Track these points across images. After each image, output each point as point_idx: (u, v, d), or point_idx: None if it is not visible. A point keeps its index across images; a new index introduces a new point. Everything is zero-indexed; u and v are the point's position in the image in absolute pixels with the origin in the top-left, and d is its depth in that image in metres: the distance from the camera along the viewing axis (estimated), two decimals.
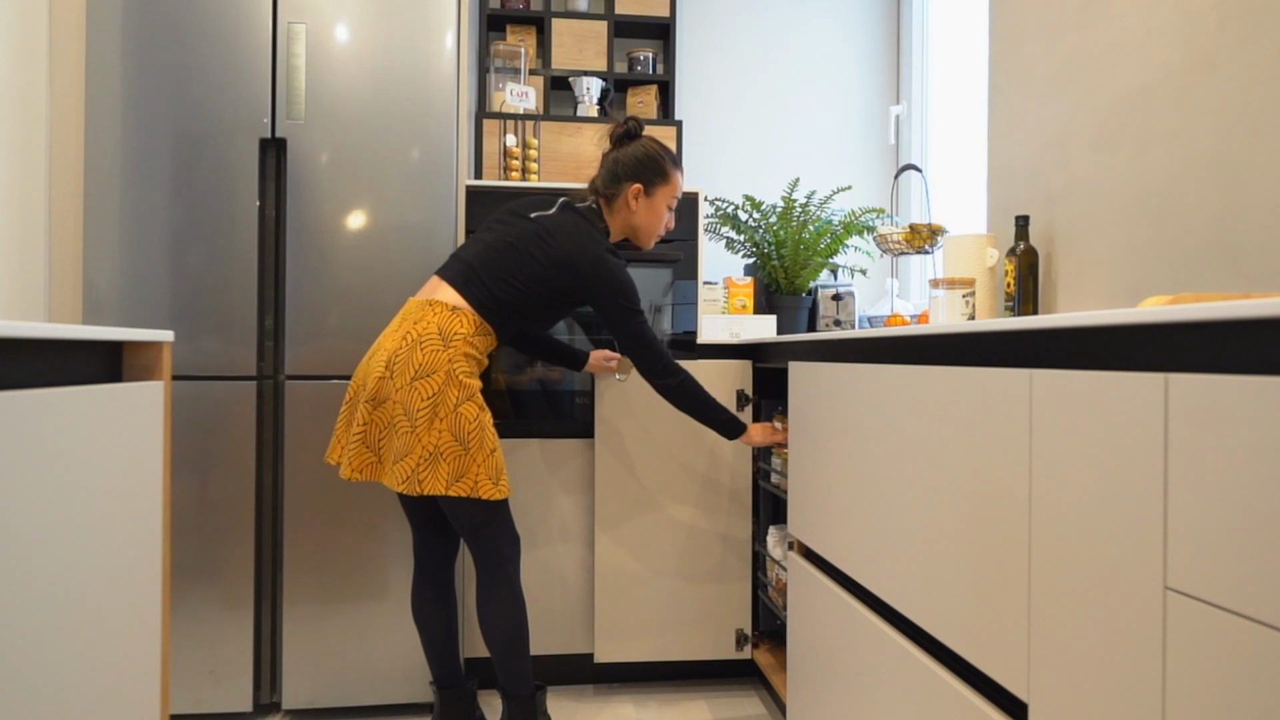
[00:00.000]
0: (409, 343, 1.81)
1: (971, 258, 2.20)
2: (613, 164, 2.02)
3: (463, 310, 1.86)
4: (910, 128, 3.18)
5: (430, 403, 1.78)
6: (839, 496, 1.62)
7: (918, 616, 1.27)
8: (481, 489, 1.81)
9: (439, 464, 1.77)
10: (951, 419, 1.17)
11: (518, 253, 1.91)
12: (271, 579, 2.26)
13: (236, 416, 2.22)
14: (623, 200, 2.01)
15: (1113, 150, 1.87)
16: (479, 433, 1.82)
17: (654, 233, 2.06)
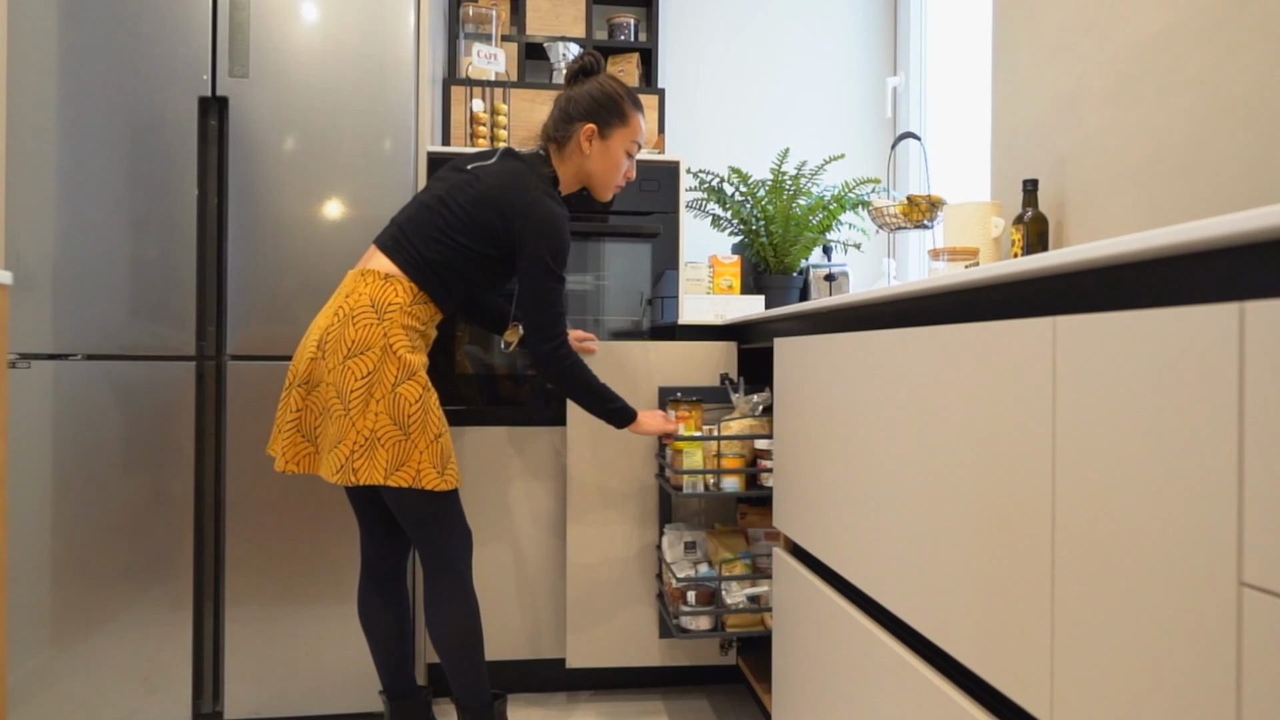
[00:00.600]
0: (341, 318, 1.64)
1: (975, 227, 2.02)
2: (565, 103, 1.82)
3: (396, 278, 1.68)
4: (908, 100, 3.00)
5: (365, 383, 1.61)
6: (829, 485, 1.43)
7: (920, 623, 1.08)
8: (425, 478, 1.63)
9: (376, 451, 1.60)
10: (955, 386, 0.99)
11: (444, 206, 1.72)
12: (214, 578, 2.08)
13: (174, 400, 2.03)
14: (575, 143, 1.81)
15: (1131, 102, 1.69)
16: (421, 415, 1.64)
17: (610, 182, 1.86)
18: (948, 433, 1.00)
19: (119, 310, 2.02)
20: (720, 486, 1.92)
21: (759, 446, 1.91)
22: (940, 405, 1.02)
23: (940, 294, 1.08)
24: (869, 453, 1.24)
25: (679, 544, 2.07)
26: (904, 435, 1.12)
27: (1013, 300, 0.93)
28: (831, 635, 1.40)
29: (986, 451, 0.92)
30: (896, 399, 1.14)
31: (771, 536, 2.03)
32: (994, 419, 0.90)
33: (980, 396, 0.93)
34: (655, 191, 2.31)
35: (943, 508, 1.01)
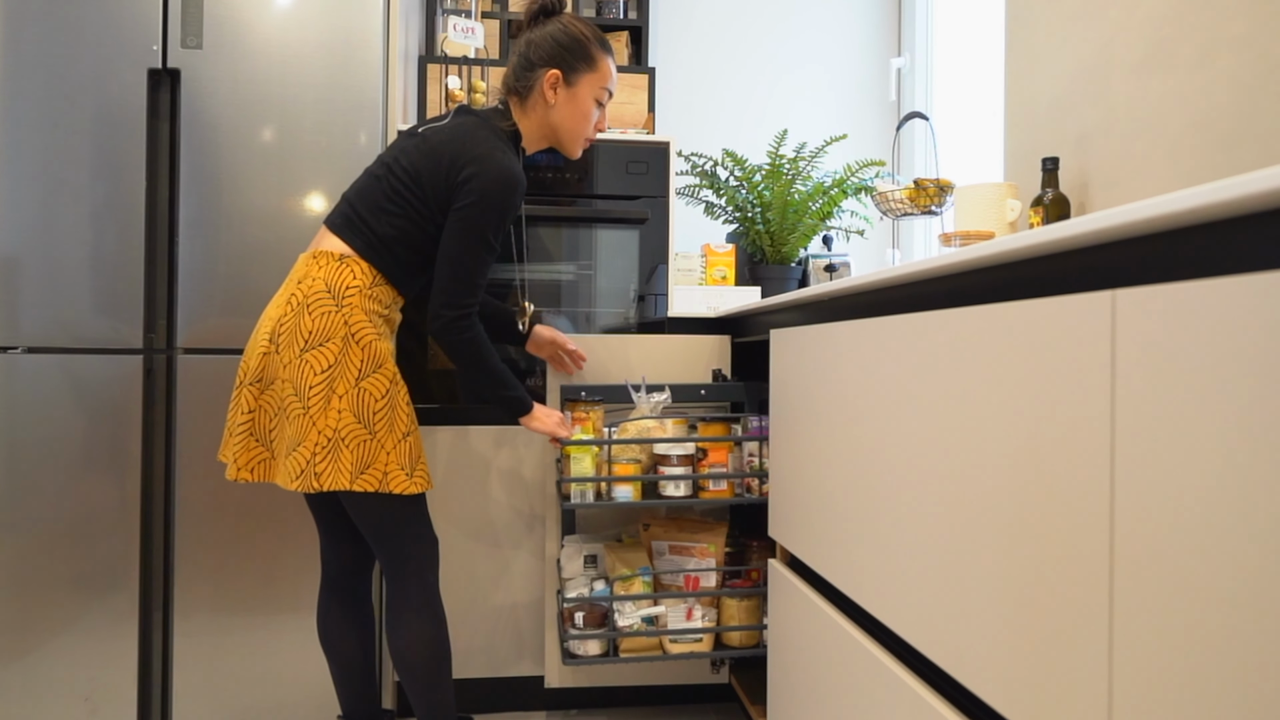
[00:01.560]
0: (295, 307, 1.49)
1: (989, 211, 1.86)
2: (524, 48, 1.62)
3: (351, 259, 1.53)
4: (913, 82, 2.85)
5: (326, 377, 1.45)
6: (832, 492, 1.28)
7: (939, 654, 0.92)
8: (392, 481, 1.48)
9: (340, 452, 1.44)
10: (984, 377, 0.83)
11: (391, 173, 1.55)
12: (162, 588, 1.92)
13: (119, 397, 1.87)
14: (538, 92, 1.62)
15: (1164, 69, 1.54)
16: (388, 412, 1.49)
17: (580, 134, 1.67)
18: (975, 432, 0.84)
19: (62, 299, 1.86)
20: (612, 495, 1.73)
21: (659, 451, 1.74)
22: (966, 400, 0.86)
23: (964, 271, 0.92)
24: (878, 455, 1.09)
25: (578, 558, 1.86)
26: (921, 435, 0.96)
27: (1053, 275, 0.77)
28: (833, 660, 1.24)
29: (1024, 453, 0.76)
30: (912, 393, 0.99)
31: (678, 550, 1.83)
32: (1034, 415, 0.74)
33: (1016, 389, 0.77)
34: (643, 174, 2.15)
35: (968, 519, 0.86)
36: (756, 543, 1.87)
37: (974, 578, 0.84)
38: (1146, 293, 0.61)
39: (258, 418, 1.51)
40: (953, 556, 0.88)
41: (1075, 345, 0.69)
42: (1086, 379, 0.67)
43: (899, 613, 1.01)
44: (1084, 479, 0.68)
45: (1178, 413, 0.58)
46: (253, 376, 1.50)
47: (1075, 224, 0.67)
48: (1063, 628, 0.70)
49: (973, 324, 0.84)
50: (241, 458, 1.51)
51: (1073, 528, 0.69)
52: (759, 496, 1.74)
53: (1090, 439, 0.67)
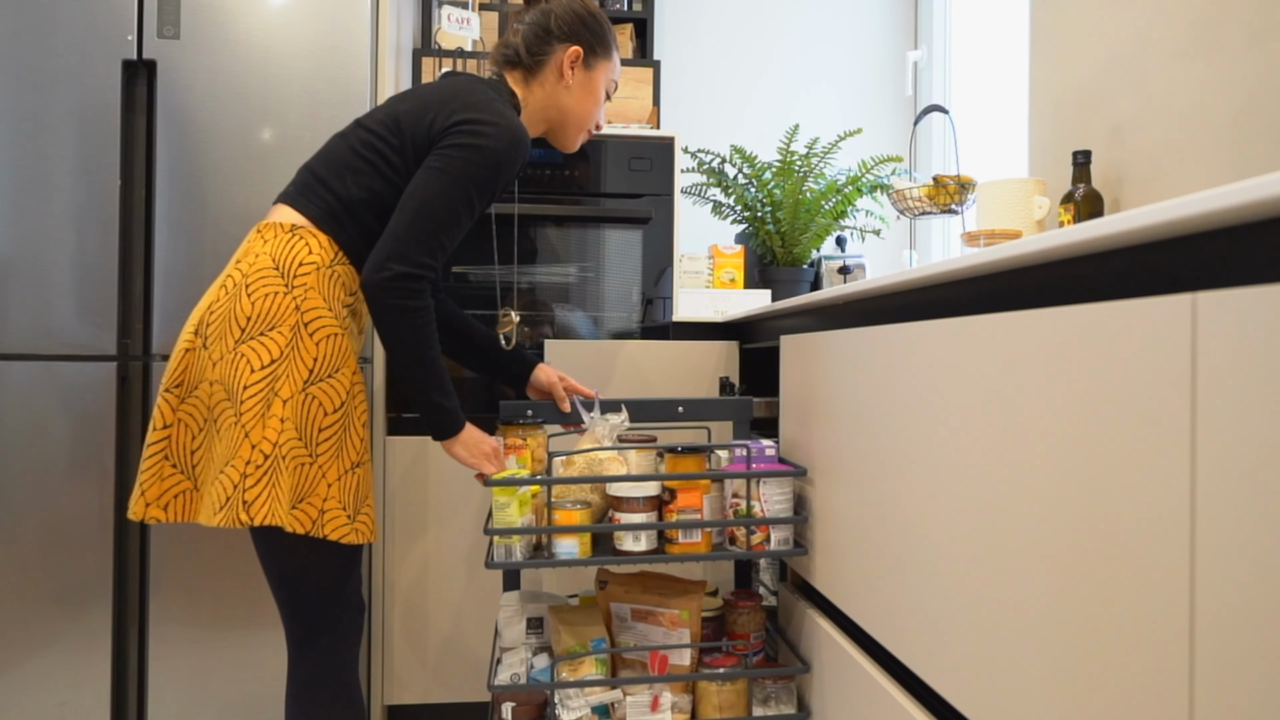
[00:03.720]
0: (229, 291, 1.18)
1: (1015, 208, 1.74)
2: (541, 17, 1.40)
3: (306, 229, 1.23)
4: (930, 76, 2.72)
5: (267, 375, 1.14)
6: (852, 522, 1.16)
7: (980, 713, 0.81)
8: (329, 524, 1.17)
9: (279, 475, 1.12)
10: (1037, 391, 0.71)
11: (361, 128, 1.29)
12: (138, 603, 1.82)
13: (93, 406, 1.78)
14: (553, 67, 1.39)
15: (1209, 53, 1.41)
16: (338, 433, 1.19)
17: (586, 123, 1.45)
18: (1025, 456, 0.72)
19: (33, 303, 1.77)
20: (553, 552, 1.29)
21: (614, 493, 1.30)
22: (1015, 418, 0.74)
23: (1006, 271, 0.80)
24: (905, 480, 0.97)
25: (518, 622, 1.46)
26: (960, 458, 0.84)
27: (1108, 276, 0.65)
28: (857, 706, 1.12)
29: (1085, 482, 0.64)
30: (950, 410, 0.87)
31: (642, 616, 1.43)
32: (1097, 436, 0.63)
33: (1078, 406, 0.65)
34: (647, 171, 2.04)
35: (1019, 559, 0.74)
36: (745, 603, 1.46)
37: (1022, 625, 0.72)
38: (1232, 296, 0.50)
39: (175, 434, 1.17)
40: (996, 601, 0.77)
41: (1149, 356, 0.57)
42: (1163, 395, 0.56)
43: (938, 667, 0.89)
44: (1158, 515, 0.56)
45: (1272, 434, 0.46)
46: (171, 380, 1.17)
47: (1143, 214, 0.55)
48: (1132, 689, 0.59)
49: (1019, 331, 0.73)
50: (152, 489, 1.17)
51: (1146, 567, 0.57)
52: (746, 550, 1.30)
53: (1164, 468, 0.55)
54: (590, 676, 1.33)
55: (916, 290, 1.02)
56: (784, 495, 1.30)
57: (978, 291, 0.87)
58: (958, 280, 0.91)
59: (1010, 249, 0.71)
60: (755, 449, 1.34)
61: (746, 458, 1.31)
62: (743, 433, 1.56)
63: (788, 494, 1.31)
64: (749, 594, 1.47)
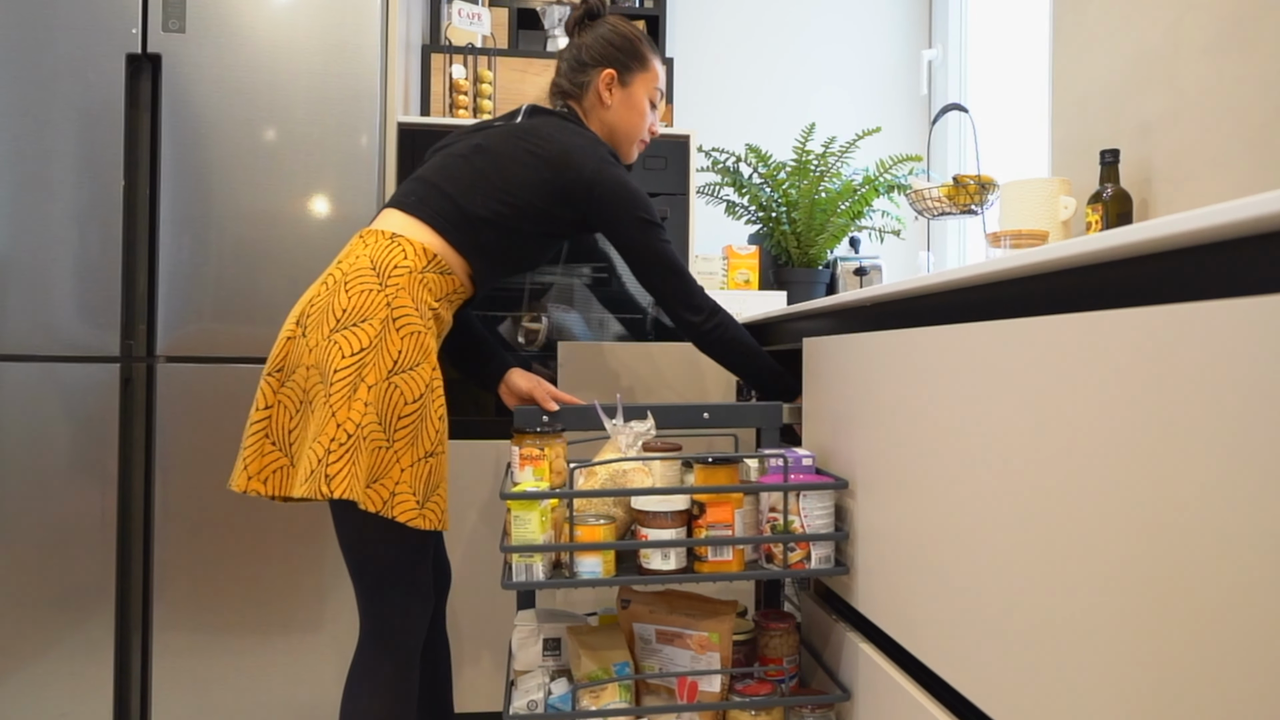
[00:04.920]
0: (330, 286, 1.30)
1: (1040, 208, 1.70)
2: (575, 51, 1.55)
3: (405, 238, 1.33)
4: (945, 75, 2.69)
5: (355, 361, 1.23)
6: (903, 539, 1.12)
7: None
8: (399, 506, 1.24)
9: (359, 454, 1.20)
10: (1111, 403, 0.67)
11: (497, 156, 1.40)
12: (142, 605, 1.77)
13: (95, 408, 1.73)
14: (594, 93, 1.53)
15: (1244, 49, 1.38)
16: (415, 422, 1.26)
17: (636, 135, 1.56)
18: (1099, 469, 0.68)
19: (34, 303, 1.72)
20: (575, 571, 1.23)
21: (639, 506, 1.23)
22: (1085, 429, 0.70)
23: (1068, 270, 0.76)
24: (965, 495, 0.93)
25: (534, 643, 1.41)
26: (1025, 471, 0.80)
27: (1225, 262, 0.61)
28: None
29: (1164, 500, 0.60)
30: (1011, 420, 0.83)
31: (668, 638, 1.36)
32: (1181, 450, 0.58)
33: (1155, 414, 0.61)
34: (662, 170, 2.00)
35: (1086, 581, 0.70)
36: (778, 624, 1.39)
37: (1089, 648, 0.68)
38: None
39: (275, 414, 1.27)
40: (1061, 623, 0.73)
41: (1235, 362, 0.53)
42: (1247, 402, 0.52)
43: (998, 698, 0.85)
44: (1243, 529, 0.52)
45: None
46: (273, 365, 1.29)
47: (1252, 204, 0.51)
48: (1213, 716, 0.55)
49: (1099, 334, 0.69)
50: (254, 464, 1.26)
51: (1228, 586, 0.53)
52: (783, 569, 1.24)
53: (1251, 480, 0.51)
54: (614, 705, 1.27)
55: (955, 292, 0.98)
56: (825, 509, 1.24)
57: (1020, 294, 0.84)
58: (1002, 281, 0.87)
59: (1079, 245, 0.67)
60: (792, 459, 1.28)
61: (784, 469, 1.26)
62: (771, 439, 1.50)
63: (829, 508, 1.25)
64: (781, 614, 1.42)
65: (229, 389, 1.77)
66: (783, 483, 1.24)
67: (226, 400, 1.77)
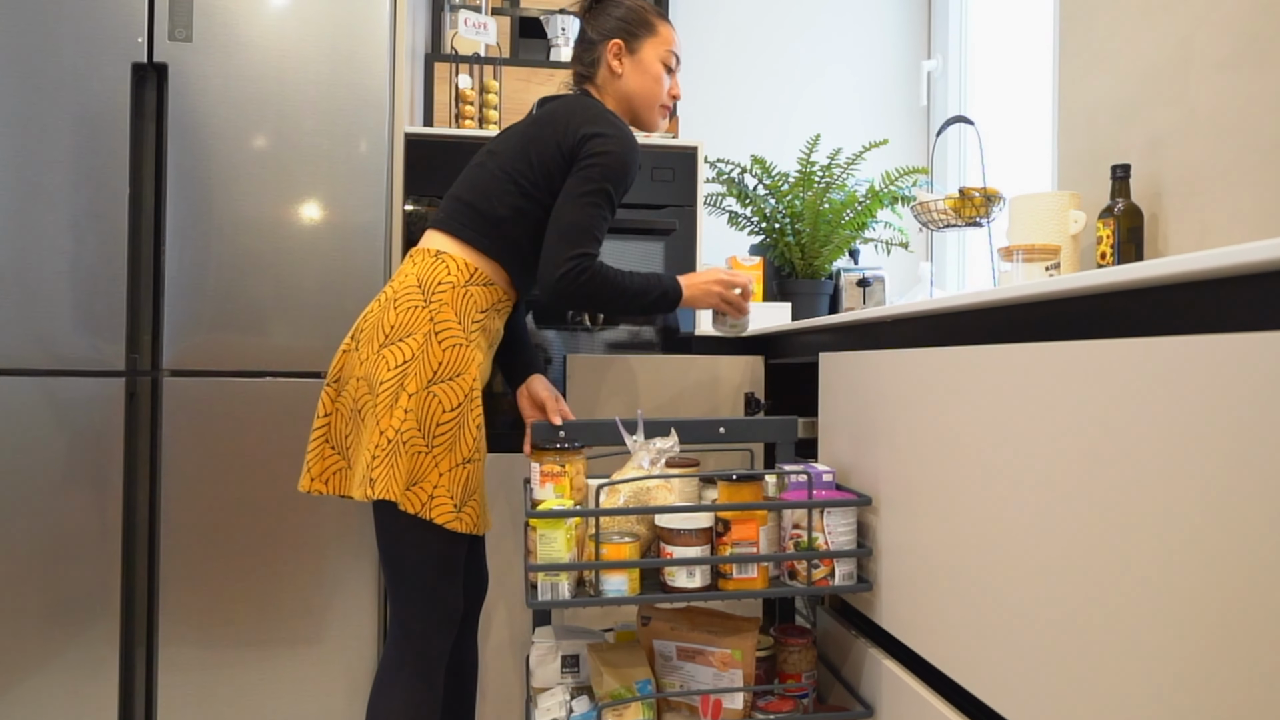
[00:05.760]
0: (383, 304, 1.38)
1: (1049, 222, 1.71)
2: (584, 33, 1.59)
3: (448, 254, 1.40)
4: (945, 86, 2.70)
5: (398, 373, 1.31)
6: (929, 556, 1.12)
7: None
8: (436, 508, 1.29)
9: (398, 458, 1.28)
10: (1149, 428, 0.67)
11: (507, 154, 1.45)
12: (146, 621, 1.75)
13: (99, 423, 1.71)
14: (605, 67, 1.55)
15: (1257, 65, 1.39)
16: (454, 430, 1.32)
17: (654, 101, 1.57)
18: (1134, 495, 0.68)
19: (37, 316, 1.70)
20: (600, 589, 1.23)
21: (663, 524, 1.24)
22: (1122, 453, 0.70)
23: (1117, 293, 0.76)
24: (994, 514, 0.93)
25: (553, 660, 1.43)
26: (1055, 493, 0.80)
27: (1235, 306, 0.61)
28: None
29: (1211, 528, 0.60)
30: (1044, 442, 0.83)
31: (690, 655, 1.36)
32: (1230, 483, 0.58)
33: (1200, 442, 0.61)
34: (669, 182, 2.00)
35: (1119, 601, 0.70)
36: (797, 640, 1.40)
37: (1127, 668, 0.68)
38: None
39: (333, 421, 1.38)
40: (1095, 650, 0.72)
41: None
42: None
43: (1030, 714, 0.85)
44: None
45: None
46: (331, 376, 1.40)
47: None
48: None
49: (1138, 359, 0.69)
50: (315, 466, 1.38)
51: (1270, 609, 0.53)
52: (807, 585, 1.24)
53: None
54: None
55: (979, 311, 0.98)
56: (849, 526, 1.25)
57: (1045, 316, 0.84)
58: (1026, 304, 0.87)
59: (1137, 271, 0.67)
60: (815, 475, 1.28)
61: (808, 485, 1.26)
62: (786, 454, 1.51)
63: (852, 525, 1.25)
64: (799, 629, 1.42)
65: (236, 403, 1.74)
66: (808, 500, 1.25)
67: (234, 414, 1.74)
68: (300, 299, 1.77)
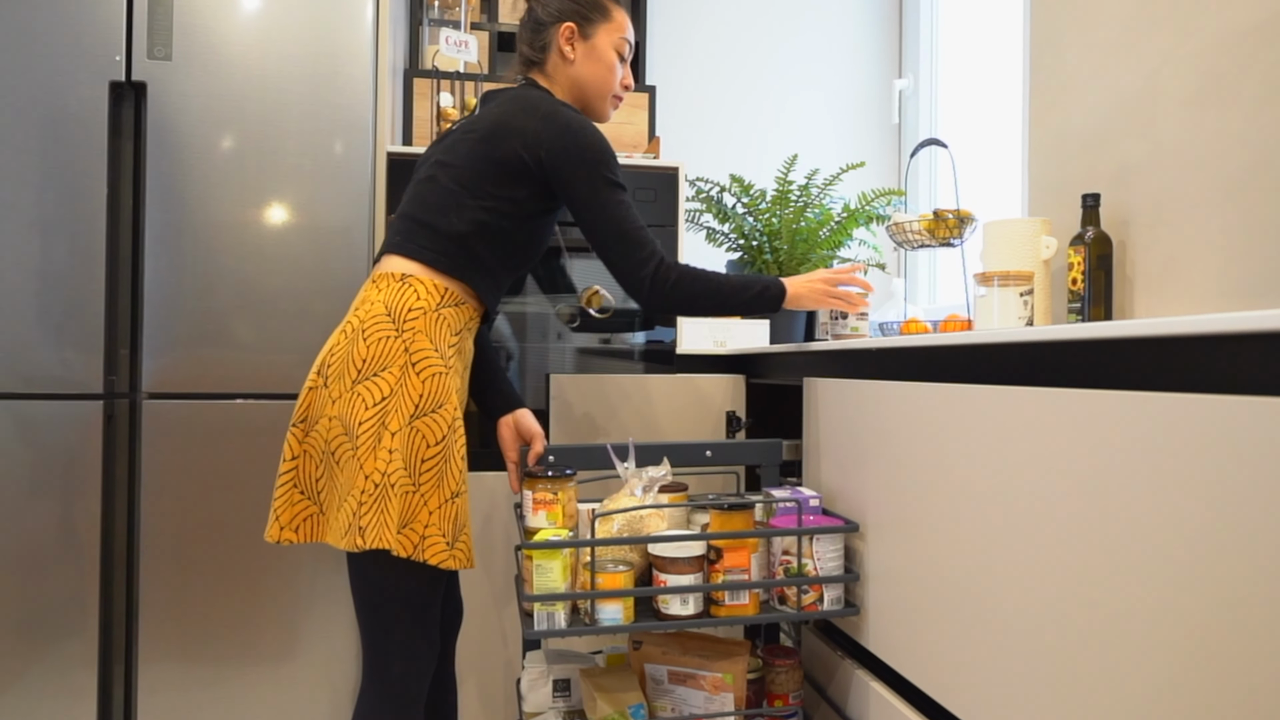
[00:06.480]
0: (349, 334, 1.29)
1: (1023, 248, 1.76)
2: (533, 12, 1.49)
3: (414, 277, 1.32)
4: (917, 105, 2.76)
5: (378, 411, 1.23)
6: (917, 584, 1.15)
7: None
8: (429, 549, 1.23)
9: (388, 501, 1.21)
10: (1147, 480, 0.71)
11: (447, 167, 1.37)
12: (125, 642, 1.72)
13: (77, 447, 1.68)
14: (555, 52, 1.47)
15: (1224, 104, 1.45)
16: (439, 464, 1.26)
17: (607, 90, 1.49)
18: (1124, 541, 0.72)
19: (12, 338, 1.66)
20: (596, 618, 1.24)
21: (657, 553, 1.26)
22: (1115, 502, 0.74)
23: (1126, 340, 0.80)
24: (982, 547, 0.96)
25: (544, 684, 1.43)
26: (1046, 533, 0.84)
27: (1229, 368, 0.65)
28: None
29: (1205, 581, 0.63)
30: (1039, 483, 0.86)
31: (681, 679, 1.39)
32: (1225, 546, 0.62)
33: (1194, 501, 0.65)
34: (651, 202, 2.02)
35: (1103, 632, 0.73)
36: (784, 661, 1.44)
37: (1113, 708, 0.72)
38: None
39: (302, 464, 1.29)
40: (1084, 674, 0.76)
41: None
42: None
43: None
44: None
45: None
46: (297, 416, 1.30)
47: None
48: None
49: (1135, 412, 0.72)
50: (284, 513, 1.27)
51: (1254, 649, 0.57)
52: (797, 610, 1.28)
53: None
54: None
55: (962, 349, 1.02)
56: (836, 552, 1.28)
57: (1017, 358, 0.87)
58: (1000, 345, 0.90)
59: (1136, 328, 0.71)
60: (803, 501, 1.32)
61: (798, 512, 1.29)
62: (771, 476, 1.54)
63: (839, 550, 1.29)
64: (786, 650, 1.45)
65: (216, 425, 1.73)
66: (798, 527, 1.28)
67: (214, 437, 1.73)
68: (282, 321, 1.76)
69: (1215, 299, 1.48)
